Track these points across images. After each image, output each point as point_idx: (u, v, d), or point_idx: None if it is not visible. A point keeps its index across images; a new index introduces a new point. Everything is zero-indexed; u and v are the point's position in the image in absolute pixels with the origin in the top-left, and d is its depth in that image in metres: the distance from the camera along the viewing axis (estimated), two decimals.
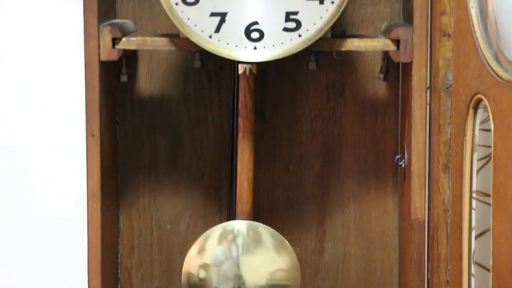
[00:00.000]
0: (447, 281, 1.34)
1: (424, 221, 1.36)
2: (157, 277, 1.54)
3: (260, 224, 1.38)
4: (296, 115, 1.53)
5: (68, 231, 1.62)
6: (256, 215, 1.46)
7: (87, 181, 1.36)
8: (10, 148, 1.61)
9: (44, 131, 1.60)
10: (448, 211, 1.32)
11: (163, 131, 1.53)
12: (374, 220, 1.53)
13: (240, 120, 1.37)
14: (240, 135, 1.38)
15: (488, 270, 1.08)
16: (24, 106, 1.60)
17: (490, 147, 1.09)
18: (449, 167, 1.31)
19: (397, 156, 1.48)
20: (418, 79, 1.32)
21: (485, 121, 1.21)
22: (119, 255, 1.54)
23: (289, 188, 1.54)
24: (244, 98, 1.36)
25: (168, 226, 1.54)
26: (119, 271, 1.54)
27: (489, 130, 1.10)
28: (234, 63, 1.38)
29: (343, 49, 1.33)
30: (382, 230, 1.54)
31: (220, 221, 1.52)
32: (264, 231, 1.38)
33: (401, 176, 1.48)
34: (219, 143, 1.53)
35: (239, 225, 1.38)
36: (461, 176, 1.26)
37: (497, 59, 1.10)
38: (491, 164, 1.08)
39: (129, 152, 1.53)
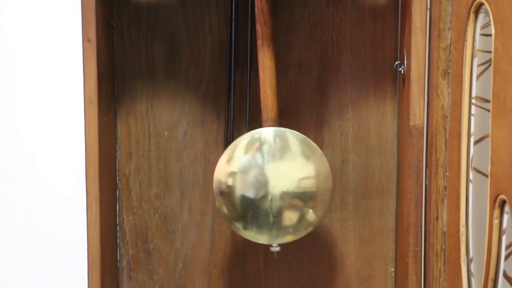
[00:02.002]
0: (445, 187, 1.34)
1: (423, 127, 1.36)
2: (155, 183, 1.55)
3: (288, 130, 1.38)
4: (295, 21, 1.51)
5: (65, 140, 1.62)
6: (253, 122, 1.46)
7: (84, 87, 1.35)
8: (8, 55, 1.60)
9: (39, 38, 1.59)
10: (447, 117, 1.32)
11: (160, 37, 1.51)
12: (373, 126, 1.53)
13: (258, 27, 1.36)
14: (259, 42, 1.37)
15: (486, 176, 1.08)
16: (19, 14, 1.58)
17: (490, 52, 1.08)
18: (449, 73, 1.30)
19: (397, 62, 1.47)
20: None
21: (486, 26, 1.19)
22: (116, 162, 1.54)
23: (288, 95, 1.53)
24: (260, 4, 1.34)
25: (166, 133, 1.54)
26: (117, 177, 1.54)
27: (490, 35, 1.09)
28: None
29: None
30: (380, 137, 1.53)
31: (218, 128, 1.52)
32: (292, 137, 1.38)
33: (400, 82, 1.48)
34: (217, 50, 1.52)
35: (266, 132, 1.38)
36: (460, 82, 1.26)
37: None
38: (491, 69, 1.07)
39: (126, 58, 1.52)
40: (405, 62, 1.41)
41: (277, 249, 1.41)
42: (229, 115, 1.50)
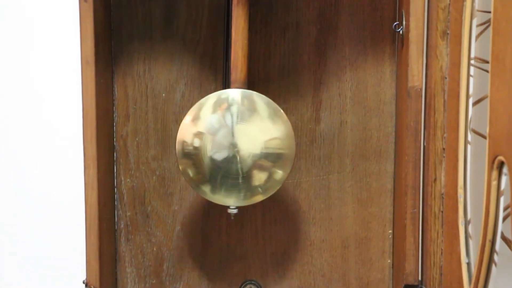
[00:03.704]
0: (443, 149, 1.34)
1: (421, 89, 1.35)
2: (153, 145, 1.54)
3: (254, 92, 1.38)
4: None
5: (62, 101, 1.61)
6: (251, 84, 1.45)
7: (80, 47, 1.35)
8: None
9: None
10: (446, 78, 1.31)
11: None
12: (371, 88, 1.53)
13: None
14: (234, 1, 1.35)
15: (485, 137, 1.08)
16: None
17: (489, 12, 1.07)
18: (448, 33, 1.29)
19: (395, 23, 1.46)
20: None
21: None
22: (114, 123, 1.53)
23: (285, 56, 1.52)
24: None
25: (163, 94, 1.53)
26: (114, 139, 1.54)
27: None
28: None
29: None
30: (378, 98, 1.53)
31: (216, 90, 1.51)
32: (259, 99, 1.37)
33: (399, 43, 1.47)
34: (214, 10, 1.50)
35: (234, 94, 1.37)
36: (459, 42, 1.25)
37: None
38: (490, 30, 1.06)
39: (123, 19, 1.51)
40: (404, 22, 1.40)
41: (235, 211, 1.41)
42: (226, 76, 1.49)
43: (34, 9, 1.60)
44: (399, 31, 1.43)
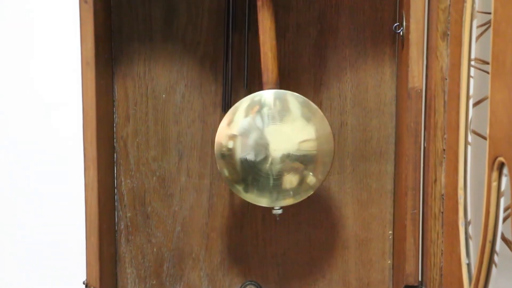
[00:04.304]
0: (444, 150, 1.34)
1: (421, 90, 1.35)
2: (153, 146, 1.55)
3: (289, 92, 1.38)
4: None
5: (62, 103, 1.61)
6: (251, 84, 1.45)
7: (81, 48, 1.35)
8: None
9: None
10: (446, 79, 1.31)
11: None
12: (371, 89, 1.53)
13: None
14: (259, 3, 1.37)
15: (485, 138, 1.08)
16: None
17: (490, 13, 1.07)
18: (448, 34, 1.29)
19: (396, 24, 1.46)
20: None
21: None
22: (114, 124, 1.53)
23: (286, 57, 1.52)
24: None
25: (164, 95, 1.53)
26: (114, 140, 1.54)
27: None
28: None
29: None
30: (379, 99, 1.53)
31: (216, 91, 1.52)
32: (293, 99, 1.38)
33: (399, 44, 1.47)
34: (214, 12, 1.51)
35: (266, 95, 1.38)
36: (459, 43, 1.25)
37: None
38: (490, 31, 1.06)
39: (123, 20, 1.51)
40: (404, 23, 1.40)
41: (279, 211, 1.41)
42: (227, 78, 1.49)
43: (35, 10, 1.60)
44: (399, 32, 1.43)
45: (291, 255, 1.57)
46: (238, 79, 1.50)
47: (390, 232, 1.56)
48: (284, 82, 1.51)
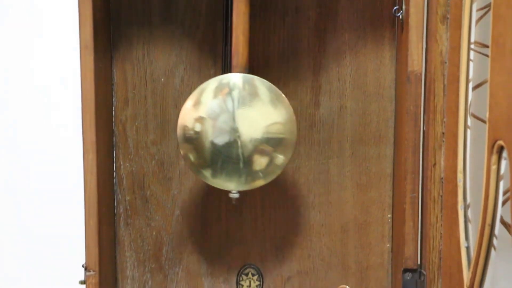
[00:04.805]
0: (443, 133, 1.34)
1: (421, 73, 1.35)
2: (152, 129, 1.54)
3: (256, 77, 1.37)
4: None
5: (61, 86, 1.61)
6: (251, 68, 1.45)
7: (79, 32, 1.34)
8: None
9: None
10: (446, 62, 1.31)
11: None
12: (371, 72, 1.52)
13: None
14: None
15: (484, 122, 1.08)
16: None
17: None
18: (448, 17, 1.29)
19: (395, 7, 1.46)
20: None
21: None
22: (113, 108, 1.53)
23: (285, 41, 1.52)
24: None
25: (163, 79, 1.53)
26: (113, 124, 1.54)
27: None
28: None
29: None
30: (378, 83, 1.53)
31: (215, 75, 1.51)
32: (261, 84, 1.37)
33: (399, 27, 1.46)
34: None
35: (235, 78, 1.37)
36: (459, 27, 1.25)
37: None
38: (490, 14, 1.06)
39: (122, 3, 1.51)
40: (404, 7, 1.40)
41: (236, 195, 1.41)
42: (225, 61, 1.49)
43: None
44: (399, 15, 1.43)
45: (290, 239, 1.58)
46: None
47: (389, 215, 1.56)
48: (283, 66, 1.51)
